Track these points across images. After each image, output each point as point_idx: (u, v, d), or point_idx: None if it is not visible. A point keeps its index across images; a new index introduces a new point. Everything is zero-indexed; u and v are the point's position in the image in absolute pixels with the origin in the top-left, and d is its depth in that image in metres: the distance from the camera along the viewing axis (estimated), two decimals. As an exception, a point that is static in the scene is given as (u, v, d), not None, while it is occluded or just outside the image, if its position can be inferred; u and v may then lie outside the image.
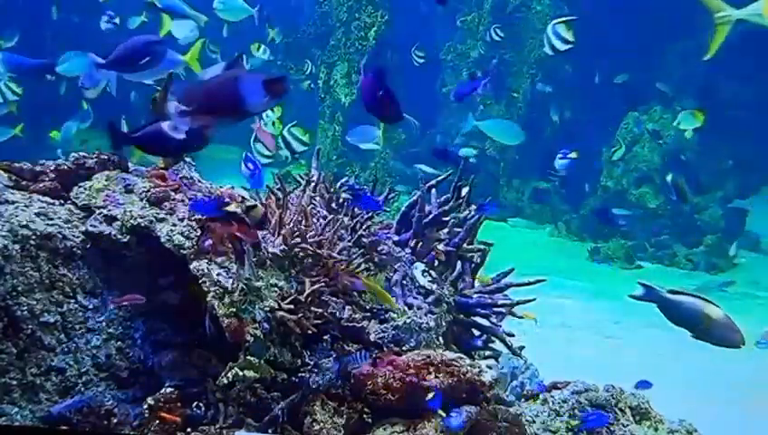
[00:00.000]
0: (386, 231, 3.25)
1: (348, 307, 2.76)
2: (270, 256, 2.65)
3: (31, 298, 2.55)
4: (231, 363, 2.49)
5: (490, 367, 2.74)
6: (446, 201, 3.31)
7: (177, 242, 2.60)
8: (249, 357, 2.49)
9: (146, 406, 2.49)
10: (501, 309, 3.23)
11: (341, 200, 3.02)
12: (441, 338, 2.99)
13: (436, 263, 3.26)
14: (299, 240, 2.70)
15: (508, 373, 3.64)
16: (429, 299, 3.02)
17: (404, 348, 2.74)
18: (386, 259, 3.03)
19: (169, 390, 2.53)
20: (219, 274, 2.53)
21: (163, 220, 2.67)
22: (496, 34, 8.42)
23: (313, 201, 2.99)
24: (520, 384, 3.55)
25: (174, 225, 2.64)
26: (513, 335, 3.27)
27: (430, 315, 2.95)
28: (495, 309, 3.23)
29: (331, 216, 2.87)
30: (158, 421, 2.46)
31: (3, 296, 2.48)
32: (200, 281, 2.52)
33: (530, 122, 10.12)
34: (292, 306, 2.57)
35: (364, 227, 2.96)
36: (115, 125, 2.51)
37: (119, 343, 2.70)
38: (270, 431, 2.48)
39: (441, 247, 3.23)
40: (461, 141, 10.71)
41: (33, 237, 2.58)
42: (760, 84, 9.44)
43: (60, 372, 2.59)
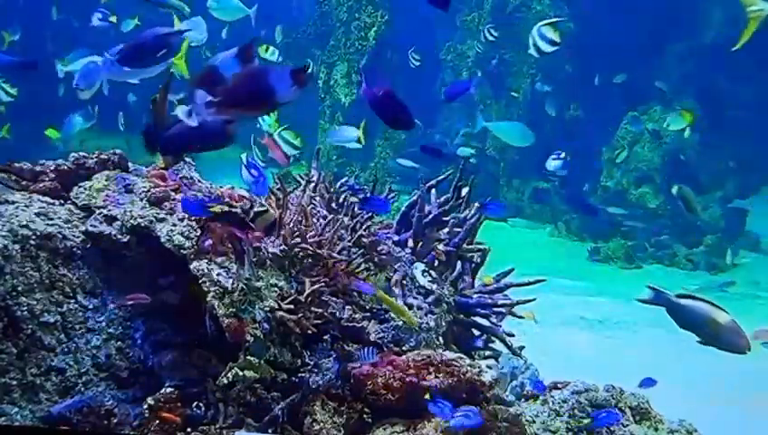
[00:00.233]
0: (386, 231, 3.25)
1: (348, 307, 2.76)
2: (270, 256, 2.65)
3: (31, 298, 2.55)
4: (231, 363, 2.49)
5: (490, 367, 2.74)
6: (446, 201, 3.31)
7: (177, 242, 2.60)
8: (249, 357, 2.49)
9: (146, 406, 2.49)
10: (501, 309, 3.23)
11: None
12: (441, 338, 2.99)
13: (436, 263, 3.26)
14: (299, 240, 2.70)
15: (508, 373, 3.64)
16: (429, 299, 3.02)
17: (404, 348, 2.74)
18: (386, 259, 3.03)
19: (169, 390, 2.53)
20: (219, 274, 2.53)
21: (163, 220, 2.67)
22: (490, 34, 8.47)
23: (313, 201, 2.99)
24: (520, 384, 3.56)
25: (174, 225, 2.64)
26: (513, 335, 3.27)
27: (430, 315, 2.95)
28: (495, 309, 3.23)
29: (331, 216, 2.87)
30: (158, 421, 2.46)
31: (3, 296, 2.48)
32: (200, 281, 2.52)
33: (530, 122, 10.07)
34: (292, 306, 2.57)
35: (364, 227, 2.96)
36: (150, 129, 2.50)
37: (119, 343, 2.69)
38: (270, 431, 2.48)
39: (441, 247, 3.23)
40: (461, 141, 10.72)
41: (33, 237, 2.58)
42: (760, 84, 9.43)
43: (60, 372, 2.58)
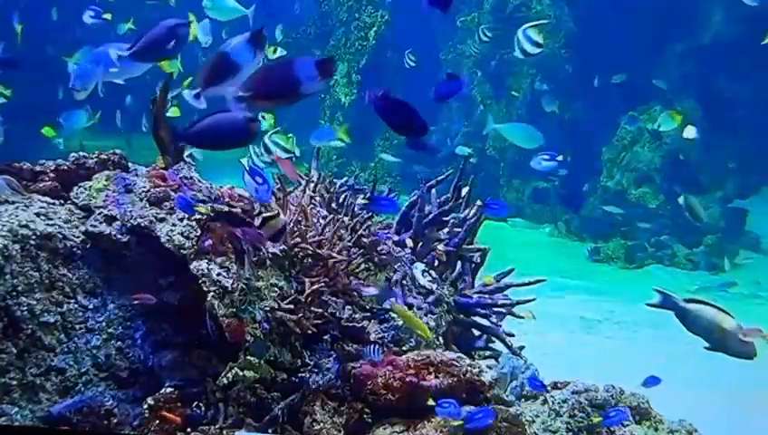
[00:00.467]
0: (386, 231, 3.25)
1: (348, 307, 2.76)
2: (270, 256, 2.65)
3: (31, 298, 2.55)
4: (231, 363, 2.49)
5: (490, 367, 2.74)
6: (446, 201, 3.31)
7: (177, 242, 2.60)
8: (249, 357, 2.49)
9: (146, 406, 2.49)
10: (501, 309, 3.24)
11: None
12: (441, 338, 3.00)
13: (436, 263, 3.26)
14: (299, 240, 2.70)
15: (508, 373, 3.64)
16: (429, 299, 3.02)
17: (404, 348, 2.74)
18: (386, 259, 3.03)
19: (169, 390, 2.53)
20: (219, 274, 2.53)
21: (163, 220, 2.67)
22: (485, 35, 8.51)
23: (313, 201, 2.99)
24: (520, 384, 3.55)
25: (174, 225, 2.64)
26: (513, 335, 3.27)
27: (430, 315, 2.95)
28: (495, 309, 3.23)
29: (331, 216, 2.87)
30: (158, 421, 2.46)
31: (3, 296, 2.48)
32: (200, 281, 2.52)
33: (530, 122, 10.10)
34: (292, 306, 2.57)
35: (364, 228, 2.96)
36: (176, 126, 2.51)
37: (119, 343, 2.69)
38: (270, 431, 2.48)
39: (441, 247, 3.23)
40: (460, 141, 10.72)
41: (33, 237, 2.58)
42: (759, 83, 9.43)
43: (60, 372, 2.58)
